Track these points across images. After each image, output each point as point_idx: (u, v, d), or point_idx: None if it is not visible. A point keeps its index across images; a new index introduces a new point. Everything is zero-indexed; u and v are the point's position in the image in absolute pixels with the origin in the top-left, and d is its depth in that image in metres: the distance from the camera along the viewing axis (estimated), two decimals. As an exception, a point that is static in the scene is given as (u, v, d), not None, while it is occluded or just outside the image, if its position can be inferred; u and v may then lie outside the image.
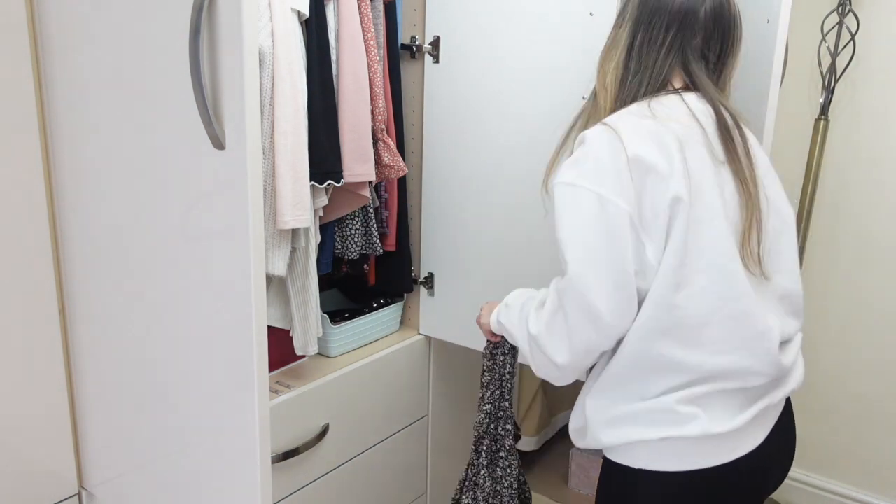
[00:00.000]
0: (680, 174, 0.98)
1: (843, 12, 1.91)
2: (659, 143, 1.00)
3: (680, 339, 1.01)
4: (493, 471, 1.41)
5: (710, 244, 1.00)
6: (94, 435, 1.33)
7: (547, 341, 1.04)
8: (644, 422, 1.03)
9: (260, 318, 0.95)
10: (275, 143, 1.26)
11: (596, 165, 0.99)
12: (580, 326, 1.00)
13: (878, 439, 2.10)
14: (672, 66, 1.08)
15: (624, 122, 1.01)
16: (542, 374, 1.10)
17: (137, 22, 1.01)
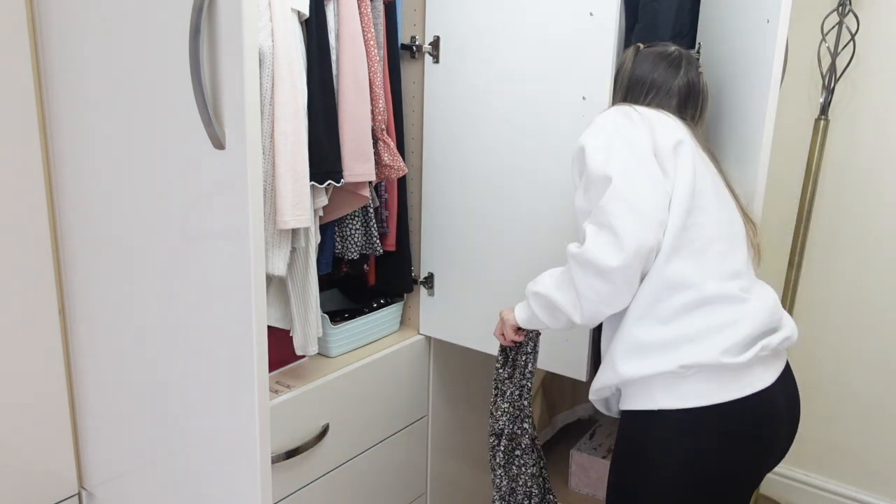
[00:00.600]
0: (676, 127, 1.21)
1: (843, 12, 1.91)
2: (659, 114, 1.23)
3: (688, 257, 1.14)
4: (508, 469, 1.41)
5: (706, 191, 1.18)
6: (94, 435, 1.33)
7: (595, 253, 1.11)
8: (662, 351, 1.12)
9: (260, 318, 0.95)
10: (275, 143, 1.26)
11: (614, 122, 1.19)
12: (628, 225, 1.09)
13: (878, 439, 2.10)
14: None
15: (627, 102, 1.27)
16: (589, 304, 1.15)
17: (137, 22, 1.01)
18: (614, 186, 1.11)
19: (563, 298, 1.18)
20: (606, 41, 1.36)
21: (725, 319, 1.14)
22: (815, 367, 2.14)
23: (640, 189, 1.12)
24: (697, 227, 1.16)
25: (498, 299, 1.60)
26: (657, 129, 1.19)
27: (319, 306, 1.45)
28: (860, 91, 1.96)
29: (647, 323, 1.15)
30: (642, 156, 1.15)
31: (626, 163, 1.14)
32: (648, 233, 1.10)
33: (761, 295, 1.21)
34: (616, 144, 1.16)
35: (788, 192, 2.08)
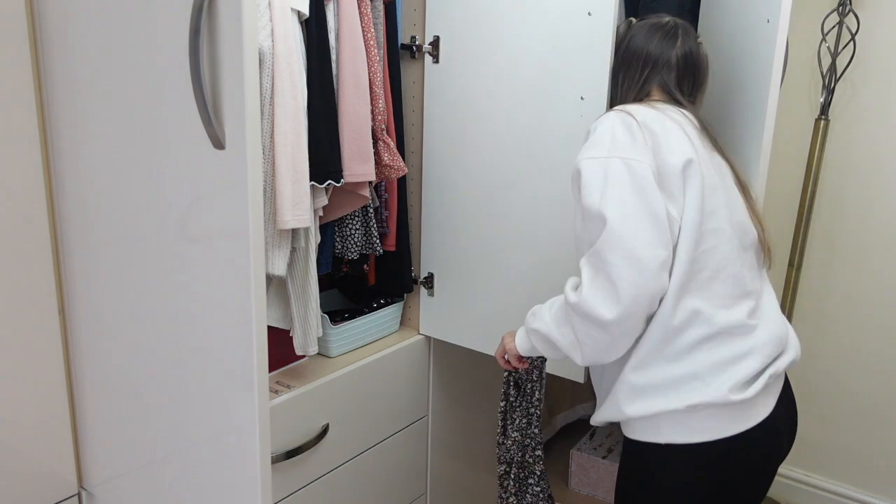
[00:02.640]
0: (685, 143, 1.12)
1: (843, 12, 1.91)
2: (662, 120, 1.14)
3: (697, 290, 1.10)
4: (521, 498, 1.41)
5: (718, 209, 1.12)
6: (94, 435, 1.33)
7: (591, 303, 1.06)
8: (669, 390, 1.09)
9: (260, 318, 0.95)
10: (275, 142, 1.26)
11: (613, 137, 1.10)
12: (625, 274, 1.03)
13: (878, 439, 2.10)
14: (650, 93, 1.26)
15: (628, 105, 1.18)
16: (589, 350, 1.11)
17: (137, 22, 1.01)
18: (610, 229, 1.04)
19: (562, 340, 1.14)
20: (604, 41, 1.34)
21: (734, 353, 1.10)
22: (815, 366, 2.14)
23: (639, 233, 1.04)
24: (708, 254, 1.11)
25: (498, 300, 1.60)
26: (663, 147, 1.11)
27: (319, 306, 1.45)
28: (860, 91, 1.96)
29: (655, 363, 1.11)
30: (642, 189, 1.06)
31: (623, 201, 1.05)
32: (648, 281, 1.04)
33: (769, 315, 1.17)
34: (613, 174, 1.07)
35: (788, 192, 2.08)
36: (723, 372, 1.09)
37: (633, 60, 1.27)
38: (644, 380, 1.11)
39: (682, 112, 1.20)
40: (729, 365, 1.10)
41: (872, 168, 1.98)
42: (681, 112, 1.20)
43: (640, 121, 1.12)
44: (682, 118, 1.19)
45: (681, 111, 1.20)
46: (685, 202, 1.10)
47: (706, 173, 1.12)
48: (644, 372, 1.11)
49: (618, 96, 1.30)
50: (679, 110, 1.20)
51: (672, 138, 1.12)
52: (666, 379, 1.10)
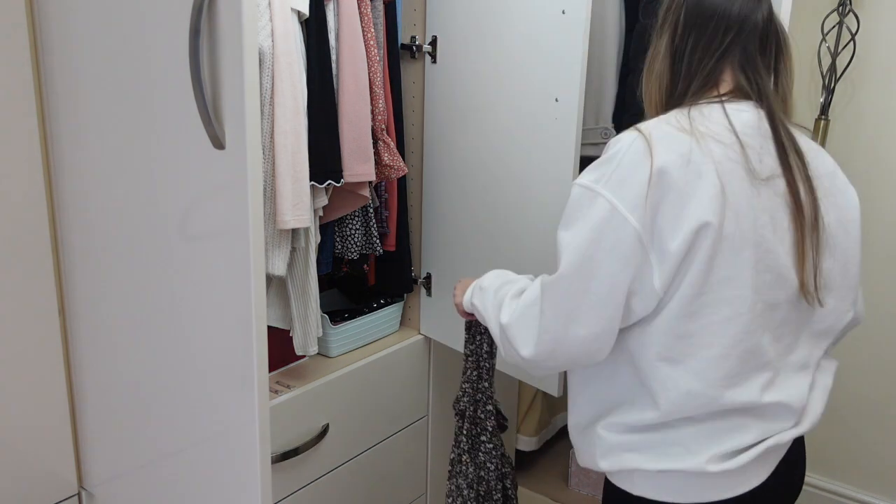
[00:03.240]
0: (710, 197, 0.91)
1: (843, 12, 1.90)
2: (689, 160, 0.92)
3: (695, 370, 0.95)
4: (475, 456, 1.37)
5: (739, 273, 0.93)
6: (94, 435, 1.33)
7: (516, 332, 1.01)
8: (643, 449, 1.00)
9: (260, 318, 0.95)
10: (275, 142, 1.26)
11: (619, 173, 0.93)
12: (553, 328, 0.96)
13: (878, 440, 2.10)
14: (723, 70, 1.00)
15: (658, 131, 0.94)
16: (510, 361, 1.06)
17: (137, 22, 1.01)
18: (560, 276, 0.95)
19: (493, 332, 1.09)
20: (576, 40, 1.29)
21: (729, 426, 0.98)
22: (815, 367, 2.14)
23: (589, 294, 0.93)
24: (715, 328, 0.94)
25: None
26: (673, 209, 0.90)
27: (319, 306, 1.45)
28: (860, 91, 1.96)
29: (633, 429, 1.01)
30: (608, 253, 0.91)
31: (584, 253, 0.93)
32: (571, 349, 0.96)
33: (790, 384, 1.03)
34: (592, 217, 0.92)
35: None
36: (710, 442, 0.98)
37: (710, 23, 0.99)
38: (620, 440, 1.02)
39: (733, 132, 0.96)
40: (720, 435, 0.98)
41: (873, 168, 1.98)
42: (732, 132, 0.96)
43: (657, 168, 0.90)
44: (731, 140, 0.95)
45: (733, 130, 0.97)
46: (686, 272, 0.92)
47: (729, 232, 0.92)
48: (622, 435, 1.02)
49: (676, 79, 1.02)
50: (731, 128, 0.97)
51: (694, 197, 0.91)
52: (644, 441, 1.00)
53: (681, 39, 1.01)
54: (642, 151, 0.92)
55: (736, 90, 1.01)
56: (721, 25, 0.98)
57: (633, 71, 1.77)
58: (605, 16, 1.77)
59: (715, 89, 1.01)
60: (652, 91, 1.05)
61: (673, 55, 1.02)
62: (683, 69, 1.01)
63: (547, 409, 2.32)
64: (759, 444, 0.99)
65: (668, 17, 1.02)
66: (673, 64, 1.02)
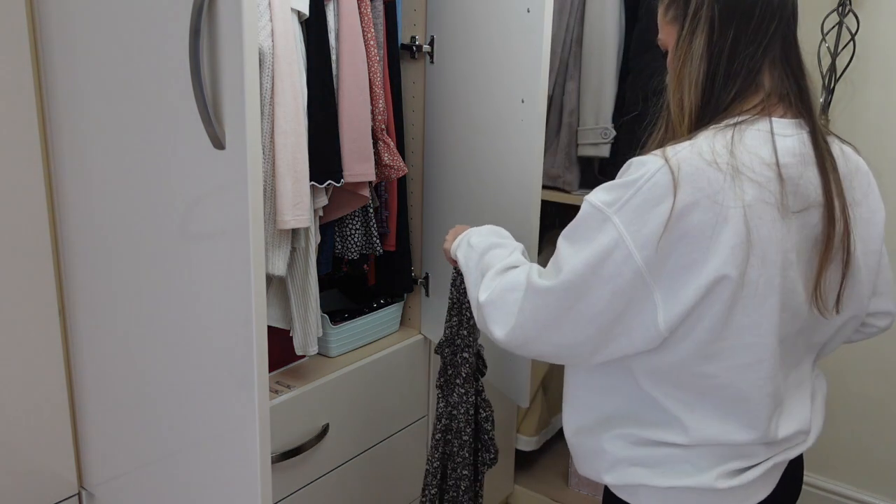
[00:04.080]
0: (732, 247, 0.84)
1: (843, 12, 1.90)
2: (715, 202, 0.83)
3: (716, 409, 0.93)
4: (448, 394, 1.39)
5: (762, 320, 0.89)
6: (94, 435, 1.33)
7: (492, 312, 0.99)
8: (650, 464, 0.98)
9: (260, 318, 0.95)
10: (275, 142, 1.26)
11: (635, 202, 0.85)
12: (528, 326, 0.94)
13: (878, 439, 2.10)
14: (762, 69, 0.91)
15: (688, 166, 0.84)
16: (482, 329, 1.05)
17: (137, 22, 1.01)
18: (550, 288, 0.90)
19: (470, 292, 1.08)
20: (540, 39, 1.26)
21: (740, 448, 0.96)
22: (815, 367, 2.14)
23: (573, 311, 0.89)
24: (735, 373, 0.90)
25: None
26: (681, 252, 0.84)
27: (319, 306, 1.45)
28: (860, 91, 1.96)
29: (643, 444, 0.98)
30: (611, 280, 0.86)
31: (582, 273, 0.87)
32: (545, 346, 0.94)
33: (796, 408, 1.02)
34: (602, 239, 0.86)
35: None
36: (720, 461, 0.96)
37: (751, 10, 0.88)
38: (627, 454, 0.99)
39: (776, 164, 0.87)
40: (732, 457, 0.96)
41: (873, 168, 1.98)
42: (774, 165, 0.87)
43: (678, 210, 0.82)
44: (770, 175, 0.86)
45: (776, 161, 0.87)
46: (694, 317, 0.87)
47: (753, 279, 0.86)
48: (629, 449, 0.99)
49: (715, 83, 0.90)
50: (775, 157, 0.87)
51: (714, 245, 0.84)
52: (651, 457, 0.98)
53: (720, 36, 0.89)
54: (665, 186, 0.83)
55: (775, 94, 0.92)
56: (766, 13, 0.88)
57: (632, 71, 1.77)
58: (605, 16, 1.77)
59: (756, 94, 0.91)
60: (683, 100, 0.92)
61: (711, 56, 0.90)
62: (723, 70, 0.90)
63: (547, 409, 2.32)
64: (768, 460, 0.99)
65: (699, 16, 0.90)
66: (710, 66, 0.90)
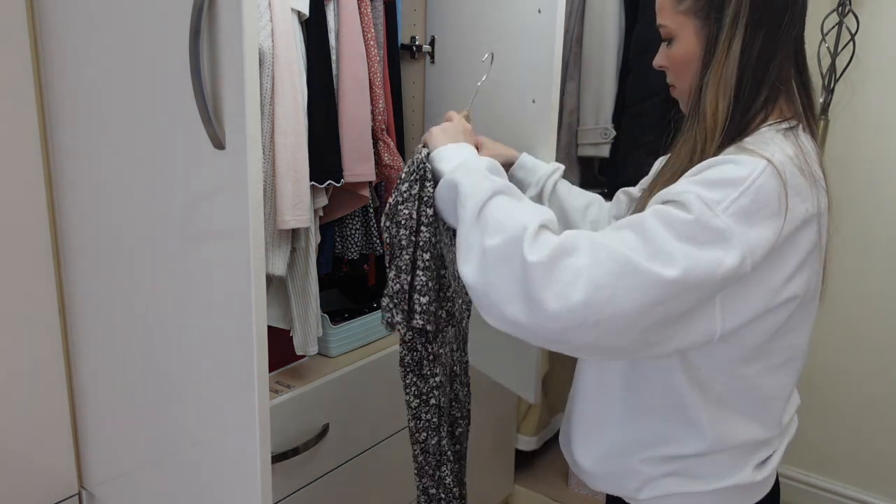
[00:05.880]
0: (807, 257, 0.85)
1: (843, 12, 1.91)
2: (805, 221, 0.84)
3: (741, 410, 0.94)
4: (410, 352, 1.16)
5: (803, 324, 0.91)
6: (94, 435, 1.33)
7: (544, 275, 0.78)
8: (686, 474, 0.97)
9: (260, 318, 0.95)
10: (275, 143, 1.26)
11: (743, 203, 0.79)
12: (602, 308, 0.77)
13: (878, 439, 2.10)
14: (786, 76, 0.89)
15: (789, 170, 0.82)
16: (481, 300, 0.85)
17: (137, 22, 1.01)
18: (678, 279, 0.76)
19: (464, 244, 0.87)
20: (552, 40, 1.25)
21: (764, 442, 0.99)
22: (815, 366, 2.14)
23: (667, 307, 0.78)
24: (758, 379, 0.92)
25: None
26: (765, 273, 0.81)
27: (319, 306, 1.45)
28: (860, 91, 1.96)
29: (681, 459, 0.96)
30: (721, 282, 0.78)
31: (702, 277, 0.77)
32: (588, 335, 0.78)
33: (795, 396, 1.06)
34: (718, 242, 0.77)
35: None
36: (750, 456, 0.98)
37: (781, 16, 0.85)
38: (661, 470, 0.97)
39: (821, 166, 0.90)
40: (756, 451, 0.99)
41: (873, 168, 1.98)
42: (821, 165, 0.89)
43: (787, 231, 0.81)
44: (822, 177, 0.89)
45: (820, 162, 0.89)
46: (754, 322, 0.85)
47: (811, 289, 0.89)
48: (662, 466, 0.97)
49: (744, 90, 0.87)
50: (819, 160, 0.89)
51: (790, 264, 0.84)
52: (686, 468, 0.96)
53: (752, 38, 0.86)
54: (775, 191, 0.79)
55: (789, 106, 0.91)
56: (793, 20, 0.87)
57: (632, 71, 1.77)
58: (605, 16, 1.77)
59: (781, 100, 0.90)
60: (719, 103, 0.88)
61: (745, 61, 0.86)
62: (754, 75, 0.87)
63: (546, 409, 2.32)
64: (780, 447, 1.02)
65: (738, 21, 0.86)
66: (743, 71, 0.87)
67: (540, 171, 1.26)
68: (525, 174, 1.27)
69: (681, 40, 0.93)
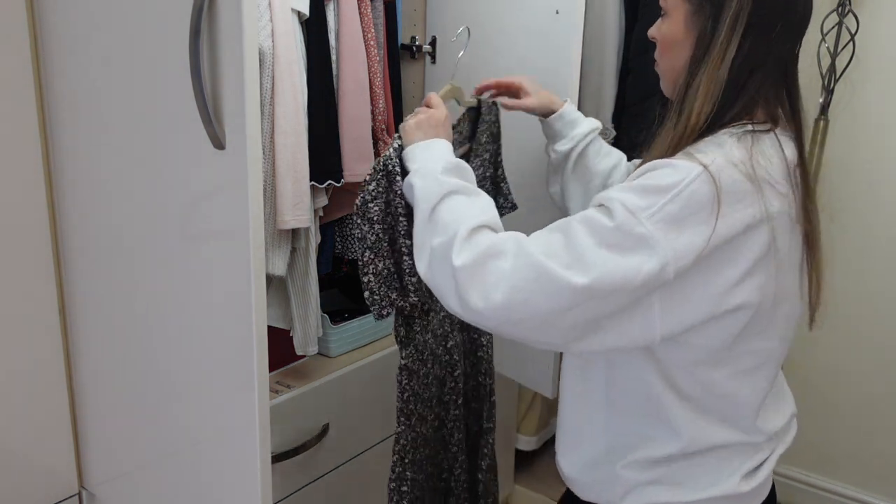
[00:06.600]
0: (756, 262, 0.84)
1: (843, 12, 1.90)
2: (748, 226, 0.82)
3: (714, 413, 0.93)
4: None
5: (767, 331, 0.90)
6: (94, 435, 1.33)
7: (468, 277, 0.85)
8: (670, 482, 0.96)
9: (260, 318, 0.95)
10: (275, 142, 1.26)
11: (672, 209, 0.79)
12: (517, 309, 0.82)
13: (878, 439, 2.10)
14: (771, 89, 0.90)
15: (727, 175, 0.81)
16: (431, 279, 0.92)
17: (137, 22, 1.01)
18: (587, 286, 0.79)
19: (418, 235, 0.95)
20: (570, 40, 1.27)
21: (750, 448, 0.98)
22: (816, 366, 2.14)
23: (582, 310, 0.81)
24: (725, 384, 0.92)
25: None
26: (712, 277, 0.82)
27: (319, 306, 1.45)
28: (860, 91, 1.96)
29: (665, 462, 0.96)
30: (640, 286, 0.79)
31: (618, 283, 0.79)
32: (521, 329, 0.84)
33: (784, 399, 1.05)
34: (632, 259, 0.79)
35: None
36: (737, 464, 0.96)
37: (778, 23, 0.86)
38: (644, 476, 0.97)
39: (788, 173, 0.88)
40: (742, 458, 0.97)
41: (873, 168, 1.98)
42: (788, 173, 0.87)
43: (717, 235, 0.80)
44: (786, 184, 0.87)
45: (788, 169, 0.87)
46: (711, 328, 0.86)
47: (770, 292, 0.87)
48: (645, 472, 0.96)
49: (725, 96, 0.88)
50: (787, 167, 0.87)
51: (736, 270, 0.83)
52: (670, 475, 0.96)
53: (746, 43, 0.86)
54: (707, 196, 0.79)
55: (773, 116, 0.91)
56: (792, 29, 0.88)
57: (632, 71, 1.77)
58: (605, 16, 1.77)
59: (763, 105, 0.90)
60: (705, 103, 0.88)
61: (736, 63, 0.86)
62: (743, 79, 0.87)
63: (546, 408, 2.32)
64: (773, 454, 1.01)
65: (737, 23, 0.86)
66: (733, 73, 0.87)
67: (578, 128, 1.25)
68: (562, 126, 1.26)
69: (671, 19, 0.94)
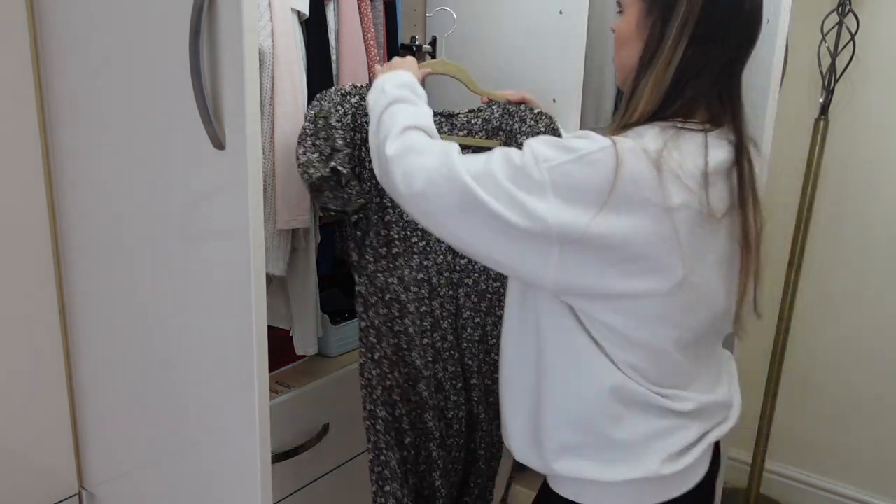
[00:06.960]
0: (654, 260, 0.88)
1: (843, 12, 1.91)
2: (647, 202, 0.86)
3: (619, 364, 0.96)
4: None
5: (671, 315, 0.93)
6: (94, 435, 1.33)
7: (396, 167, 0.96)
8: (600, 459, 0.99)
9: (260, 318, 0.95)
10: (275, 143, 1.26)
11: (571, 169, 0.86)
12: (432, 200, 0.92)
13: (878, 439, 2.10)
14: (709, 94, 0.94)
15: (632, 157, 0.85)
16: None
17: (137, 22, 1.01)
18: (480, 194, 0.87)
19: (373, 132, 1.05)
20: (574, 40, 1.28)
21: (672, 424, 0.99)
22: (816, 366, 2.14)
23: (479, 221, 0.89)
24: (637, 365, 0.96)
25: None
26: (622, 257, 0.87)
27: (319, 306, 1.45)
28: (860, 91, 1.96)
29: (586, 423, 0.98)
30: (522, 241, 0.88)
31: (504, 208, 0.87)
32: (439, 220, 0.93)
33: (715, 383, 1.06)
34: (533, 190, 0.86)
35: (788, 193, 2.08)
36: (659, 444, 0.98)
37: (723, 32, 0.91)
38: (573, 439, 0.99)
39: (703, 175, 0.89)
40: (665, 437, 0.98)
41: (872, 168, 1.98)
42: (702, 175, 0.89)
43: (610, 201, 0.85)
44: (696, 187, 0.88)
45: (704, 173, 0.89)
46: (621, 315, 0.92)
47: (673, 283, 0.89)
48: (574, 430, 0.99)
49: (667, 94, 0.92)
50: (704, 170, 0.89)
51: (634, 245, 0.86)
52: (597, 443, 0.98)
53: (690, 49, 0.90)
54: (606, 167, 0.85)
55: (712, 119, 0.95)
56: (737, 37, 0.92)
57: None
58: (605, 16, 1.77)
59: (702, 107, 0.95)
60: (651, 98, 0.93)
61: (678, 67, 0.91)
62: (673, 84, 0.92)
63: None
64: (702, 440, 1.01)
65: (686, 27, 0.90)
66: (679, 74, 0.91)
67: None
68: None
69: (626, 15, 0.98)
